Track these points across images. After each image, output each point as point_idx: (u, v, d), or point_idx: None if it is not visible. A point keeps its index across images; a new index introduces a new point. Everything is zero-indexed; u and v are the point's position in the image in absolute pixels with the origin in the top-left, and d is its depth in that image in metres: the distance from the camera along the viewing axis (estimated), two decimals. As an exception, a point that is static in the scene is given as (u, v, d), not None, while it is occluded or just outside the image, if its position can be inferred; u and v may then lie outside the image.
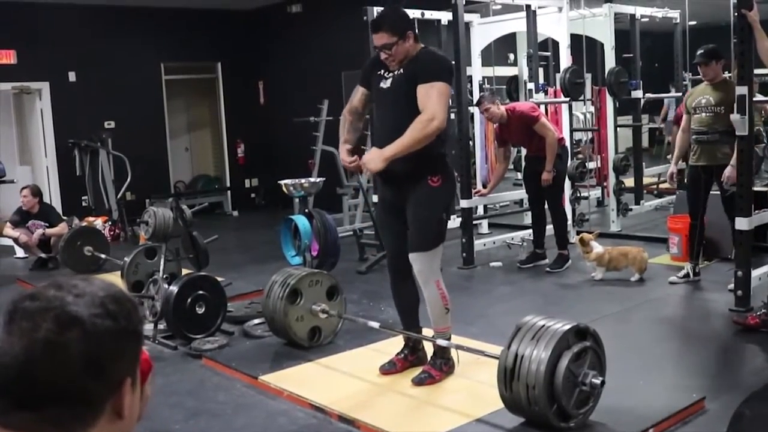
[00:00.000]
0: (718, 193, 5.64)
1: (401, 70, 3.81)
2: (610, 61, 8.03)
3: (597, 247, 6.08)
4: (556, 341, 3.18)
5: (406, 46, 3.77)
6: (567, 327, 3.25)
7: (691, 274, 5.83)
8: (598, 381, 3.24)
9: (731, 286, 5.55)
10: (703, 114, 5.55)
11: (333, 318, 4.71)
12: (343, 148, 4.07)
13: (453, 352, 4.04)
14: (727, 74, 6.11)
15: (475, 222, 7.39)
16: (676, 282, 5.83)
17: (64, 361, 0.91)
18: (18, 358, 0.90)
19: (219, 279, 5.36)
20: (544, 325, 3.29)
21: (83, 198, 10.38)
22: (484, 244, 7.15)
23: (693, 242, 5.85)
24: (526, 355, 3.20)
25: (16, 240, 7.96)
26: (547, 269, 6.54)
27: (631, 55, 8.44)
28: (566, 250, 6.60)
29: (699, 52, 5.64)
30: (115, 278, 5.93)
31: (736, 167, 5.08)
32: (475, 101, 6.92)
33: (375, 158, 3.69)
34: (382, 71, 3.91)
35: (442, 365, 4.01)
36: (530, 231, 7.11)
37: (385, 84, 3.87)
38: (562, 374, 3.15)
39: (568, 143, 8.01)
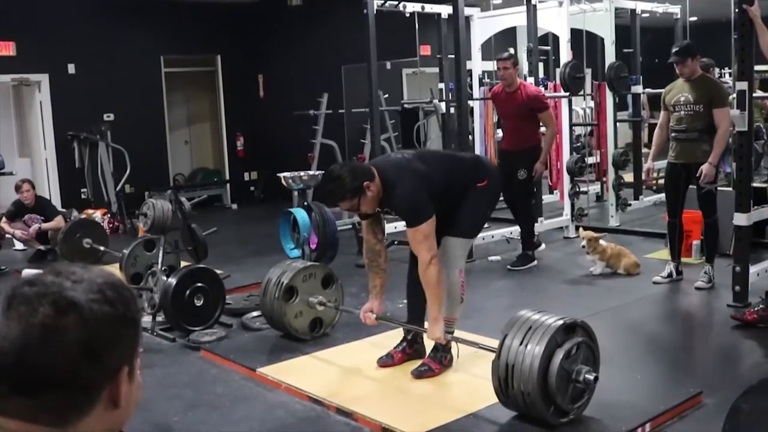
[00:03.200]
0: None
1: (392, 215, 3.95)
2: (610, 56, 8.02)
3: (602, 242, 6.13)
4: (545, 343, 3.15)
5: (370, 197, 3.78)
6: (554, 325, 3.21)
7: (674, 273, 5.78)
8: (591, 377, 3.23)
9: (698, 284, 5.55)
10: (682, 112, 5.50)
11: (332, 308, 4.71)
12: (371, 303, 4.14)
13: (453, 347, 4.05)
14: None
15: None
16: (659, 282, 5.77)
17: (61, 346, 0.91)
18: (15, 343, 0.90)
19: (218, 271, 5.36)
20: (531, 327, 3.25)
21: (82, 190, 10.37)
22: (483, 238, 7.14)
23: (673, 241, 5.80)
24: (518, 362, 3.19)
25: (13, 235, 7.95)
26: (509, 267, 6.54)
27: (632, 50, 8.43)
28: (531, 249, 6.59)
29: (674, 50, 5.58)
30: (114, 270, 5.93)
31: (735, 163, 5.09)
32: (500, 54, 6.74)
33: (436, 332, 3.82)
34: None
35: (442, 358, 4.02)
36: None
37: (387, 217, 4.06)
38: (555, 374, 3.14)
39: (567, 138, 8.04)
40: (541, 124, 6.58)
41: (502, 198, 7.48)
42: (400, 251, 6.20)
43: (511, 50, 6.56)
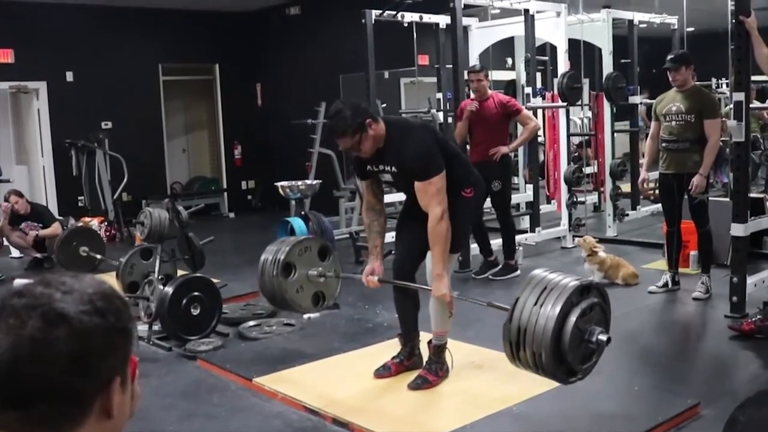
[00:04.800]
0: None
1: (393, 167, 3.84)
2: (607, 67, 8.04)
3: (601, 253, 6.12)
4: (561, 303, 3.01)
5: (371, 135, 3.75)
6: (571, 286, 3.07)
7: (670, 283, 5.79)
8: (604, 338, 3.10)
9: (695, 294, 5.55)
10: (673, 122, 5.52)
11: (332, 279, 4.67)
12: (372, 264, 4.06)
13: (447, 356, 4.04)
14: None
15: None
16: (655, 291, 5.78)
17: (50, 359, 0.90)
18: (5, 356, 0.89)
19: (214, 280, 5.34)
20: (546, 287, 3.11)
21: (79, 198, 10.36)
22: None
23: (671, 251, 5.82)
24: (531, 324, 3.05)
25: (9, 240, 7.95)
26: (490, 276, 6.52)
27: (629, 60, 8.45)
28: (513, 259, 6.58)
29: (669, 57, 5.61)
30: (110, 279, 5.91)
31: (732, 174, 5.09)
32: (472, 66, 6.70)
33: (441, 288, 3.75)
34: (372, 167, 3.94)
35: (437, 370, 4.01)
36: (524, 236, 7.11)
37: (386, 177, 3.94)
38: (569, 334, 3.00)
39: (564, 148, 8.05)
40: (510, 133, 6.62)
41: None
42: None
43: (478, 63, 6.65)
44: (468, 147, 6.66)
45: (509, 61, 9.72)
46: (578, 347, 3.07)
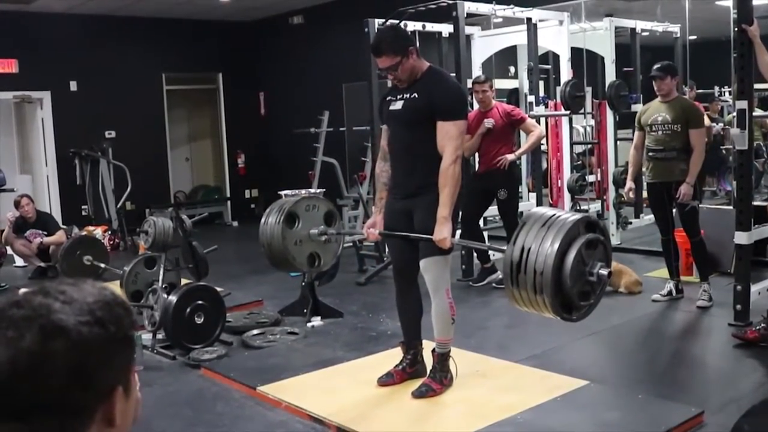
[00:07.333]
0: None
1: (415, 94, 3.84)
2: (610, 75, 8.05)
3: None
4: (567, 229, 2.97)
5: (411, 63, 3.81)
6: (576, 217, 3.05)
7: (674, 292, 5.79)
8: (605, 272, 3.02)
9: (699, 302, 5.56)
10: (659, 132, 5.56)
11: (332, 245, 4.65)
12: (374, 218, 4.07)
13: (451, 364, 4.04)
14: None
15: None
16: (658, 300, 5.78)
17: (49, 372, 0.88)
18: (3, 368, 0.88)
19: (218, 289, 5.36)
20: (553, 215, 3.07)
21: (83, 207, 10.39)
22: (484, 257, 7.14)
23: (669, 259, 5.83)
24: (534, 244, 2.99)
25: (14, 248, 7.97)
26: (494, 284, 6.48)
27: (632, 68, 8.46)
28: None
29: (655, 67, 5.67)
30: (114, 287, 5.92)
31: (736, 182, 5.09)
32: (477, 77, 6.70)
33: (443, 231, 3.66)
34: (390, 97, 3.97)
35: (442, 378, 4.00)
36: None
37: (396, 105, 3.91)
38: (572, 258, 2.95)
39: (567, 156, 8.05)
40: (514, 143, 6.64)
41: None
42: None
43: (482, 73, 6.67)
44: (473, 158, 6.66)
45: (512, 69, 9.74)
46: (579, 277, 2.98)
